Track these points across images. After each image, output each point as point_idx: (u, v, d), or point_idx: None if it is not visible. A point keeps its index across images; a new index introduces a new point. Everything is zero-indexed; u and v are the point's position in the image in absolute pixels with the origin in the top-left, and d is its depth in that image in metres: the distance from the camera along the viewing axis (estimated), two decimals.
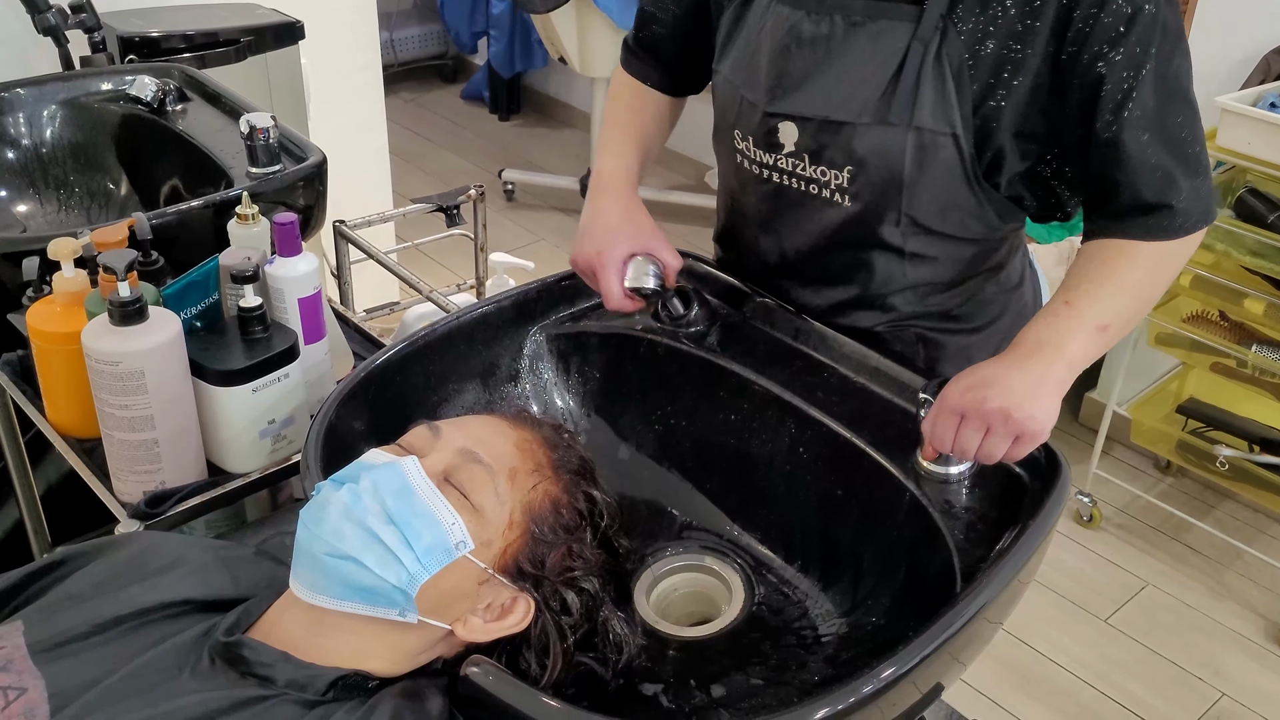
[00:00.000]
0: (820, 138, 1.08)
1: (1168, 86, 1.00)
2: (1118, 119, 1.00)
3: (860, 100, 1.04)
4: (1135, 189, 1.02)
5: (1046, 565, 2.42)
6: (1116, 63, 0.98)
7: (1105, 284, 1.02)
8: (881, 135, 1.04)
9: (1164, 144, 1.01)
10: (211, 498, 1.20)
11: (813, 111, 1.07)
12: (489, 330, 1.26)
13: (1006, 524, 1.00)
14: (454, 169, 4.09)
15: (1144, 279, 1.05)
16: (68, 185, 1.88)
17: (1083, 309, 1.01)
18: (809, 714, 0.84)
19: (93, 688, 0.82)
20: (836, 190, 1.10)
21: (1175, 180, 1.02)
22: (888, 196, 1.08)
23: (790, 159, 1.12)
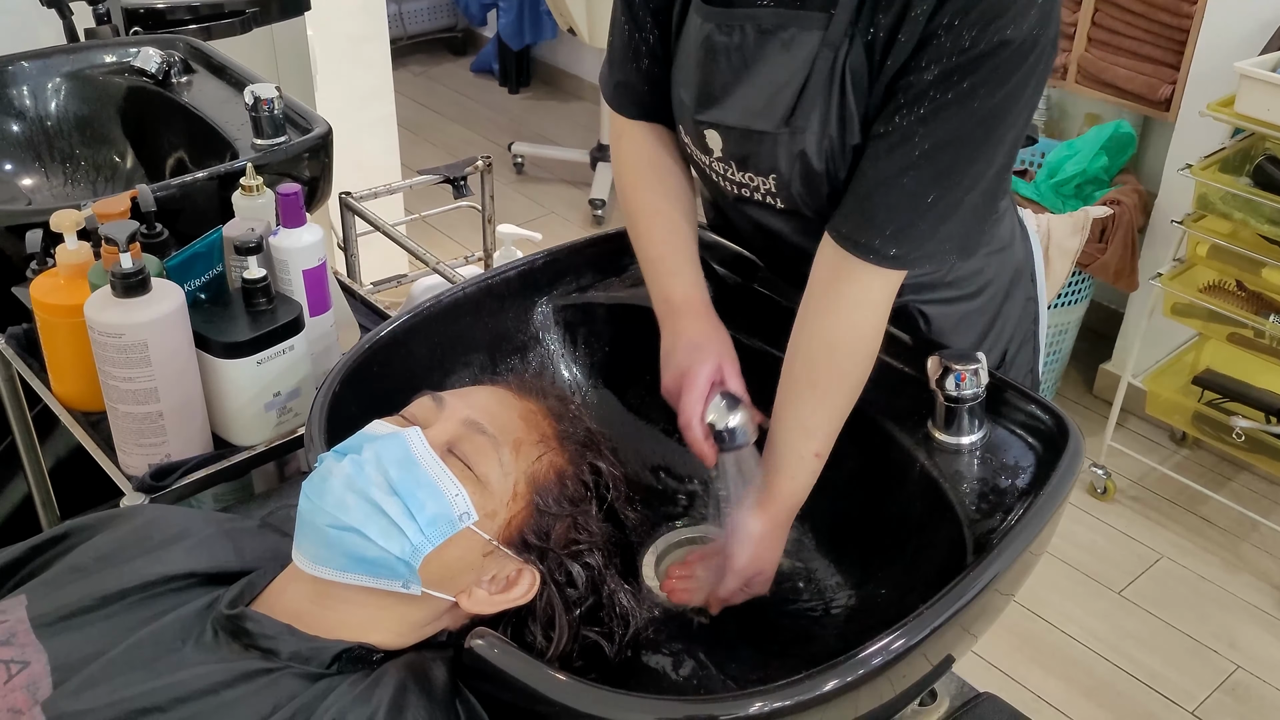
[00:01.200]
0: (744, 146, 1.06)
1: (961, 126, 0.94)
2: (900, 119, 0.96)
3: (776, 109, 1.02)
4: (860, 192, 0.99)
5: (1059, 537, 2.41)
6: (927, 81, 0.94)
7: (831, 416, 1.03)
8: (797, 143, 1.02)
9: (910, 171, 0.96)
10: (217, 470, 1.20)
11: (733, 121, 1.05)
12: (495, 301, 1.24)
13: (1018, 495, 0.99)
14: (463, 142, 4.07)
15: (852, 390, 1.03)
16: (73, 158, 1.87)
17: (823, 453, 1.03)
18: (818, 685, 0.83)
19: (95, 660, 0.81)
20: (767, 194, 1.09)
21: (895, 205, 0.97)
22: (817, 199, 1.06)
23: (719, 163, 1.10)
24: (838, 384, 1.02)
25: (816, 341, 1.02)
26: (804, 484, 1.03)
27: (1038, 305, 1.26)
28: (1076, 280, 2.60)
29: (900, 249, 0.98)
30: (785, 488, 1.03)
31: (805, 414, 1.02)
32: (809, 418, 1.02)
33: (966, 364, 1.01)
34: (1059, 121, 2.89)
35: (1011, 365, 1.24)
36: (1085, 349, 2.87)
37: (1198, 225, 2.29)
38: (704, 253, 1.27)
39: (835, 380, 1.02)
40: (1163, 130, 2.64)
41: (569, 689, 0.81)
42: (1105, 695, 2.08)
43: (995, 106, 0.93)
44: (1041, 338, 1.29)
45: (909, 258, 0.98)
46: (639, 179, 1.18)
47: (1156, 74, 2.51)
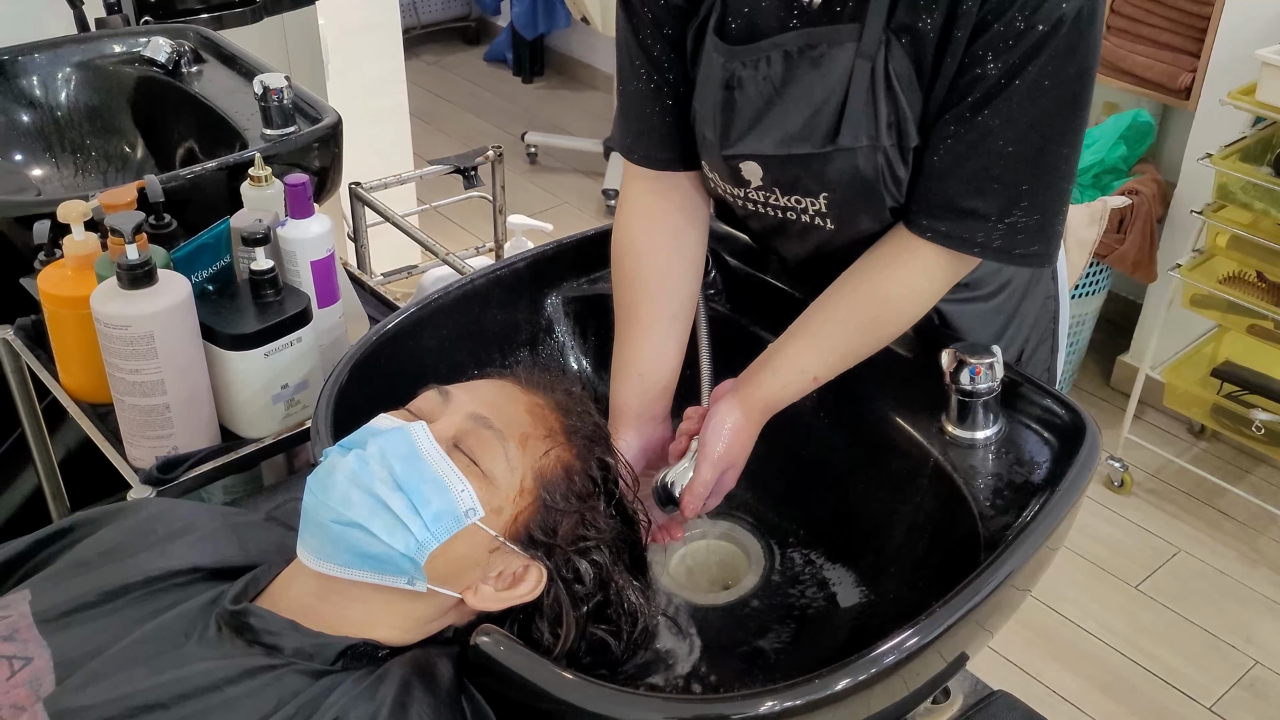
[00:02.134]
0: (788, 171, 1.03)
1: (1039, 112, 0.93)
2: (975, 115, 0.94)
3: (817, 129, 0.99)
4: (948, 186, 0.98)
5: (1076, 531, 2.38)
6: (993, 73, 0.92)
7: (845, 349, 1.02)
8: (849, 159, 0.99)
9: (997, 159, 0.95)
10: (224, 463, 1.19)
11: (773, 149, 1.02)
12: (504, 293, 1.23)
13: (1033, 490, 0.97)
14: (476, 131, 4.05)
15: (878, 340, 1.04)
16: (84, 149, 1.87)
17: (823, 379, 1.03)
18: (830, 684, 0.82)
19: (98, 656, 0.81)
20: (815, 215, 1.06)
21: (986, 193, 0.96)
22: (870, 213, 1.03)
23: (760, 191, 1.07)
24: (869, 331, 1.02)
25: (868, 287, 1.01)
26: (790, 395, 1.02)
27: (1058, 303, 1.24)
28: (1094, 271, 2.58)
29: (1004, 241, 0.97)
30: (772, 388, 1.02)
31: (824, 338, 1.01)
32: (826, 342, 1.01)
33: (981, 357, 0.99)
34: None
35: (1028, 364, 1.22)
36: (1102, 340, 2.84)
37: (1217, 215, 2.26)
38: (718, 245, 1.26)
39: (869, 326, 1.02)
40: (1182, 119, 2.61)
41: (575, 687, 0.80)
42: (1121, 691, 2.06)
43: (1069, 83, 0.92)
44: (1062, 335, 1.27)
45: (1013, 251, 0.98)
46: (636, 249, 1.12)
47: (1176, 62, 2.47)
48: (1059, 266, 1.22)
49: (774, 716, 0.80)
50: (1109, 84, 2.60)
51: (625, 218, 1.13)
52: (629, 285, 1.11)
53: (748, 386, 1.03)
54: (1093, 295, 2.63)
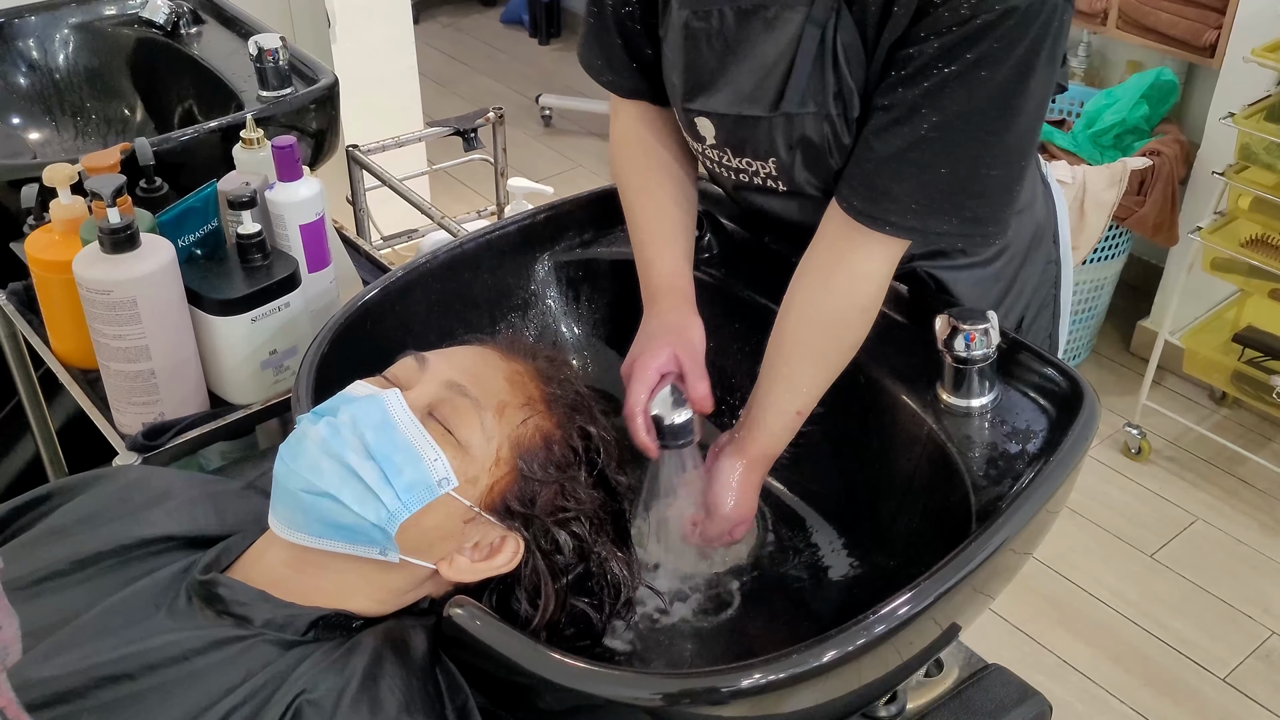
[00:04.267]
0: (737, 133, 1.02)
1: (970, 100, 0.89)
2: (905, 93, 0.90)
3: (766, 92, 0.97)
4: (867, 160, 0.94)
5: (1090, 498, 2.35)
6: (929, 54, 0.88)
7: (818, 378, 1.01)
8: (798, 125, 0.97)
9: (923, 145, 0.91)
10: (211, 430, 1.17)
11: (723, 108, 1.00)
12: (495, 257, 1.21)
13: (1028, 461, 0.94)
14: (490, 94, 4.02)
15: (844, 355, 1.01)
16: (84, 111, 1.85)
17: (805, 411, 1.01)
18: (818, 654, 0.80)
19: (66, 625, 0.80)
20: (767, 178, 1.04)
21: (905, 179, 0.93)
22: (824, 178, 1.01)
23: (714, 150, 1.06)
24: (833, 351, 1.00)
25: (815, 309, 0.99)
26: (782, 439, 1.02)
27: (1059, 268, 1.20)
28: (1113, 234, 2.52)
29: (919, 223, 0.94)
30: (763, 439, 1.01)
31: (794, 373, 1.00)
32: (797, 377, 1.00)
33: (976, 323, 0.96)
34: (1099, 69, 2.80)
35: (1028, 331, 1.19)
36: (1123, 305, 2.80)
37: (1240, 177, 2.20)
38: (711, 207, 1.24)
39: (830, 347, 1.00)
40: (1207, 77, 2.54)
41: (549, 661, 0.78)
42: (1134, 661, 2.03)
43: (1006, 78, 0.88)
44: (1064, 301, 1.23)
45: (929, 233, 0.95)
46: (629, 160, 1.13)
47: (1201, 18, 2.40)
48: (1060, 230, 1.19)
49: (760, 689, 0.78)
50: (1132, 41, 2.53)
51: (618, 135, 1.15)
52: (637, 177, 1.12)
53: (743, 442, 1.02)
54: (1112, 259, 2.58)
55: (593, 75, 1.14)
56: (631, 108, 1.13)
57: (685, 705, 0.79)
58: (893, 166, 0.93)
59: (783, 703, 0.81)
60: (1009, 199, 0.96)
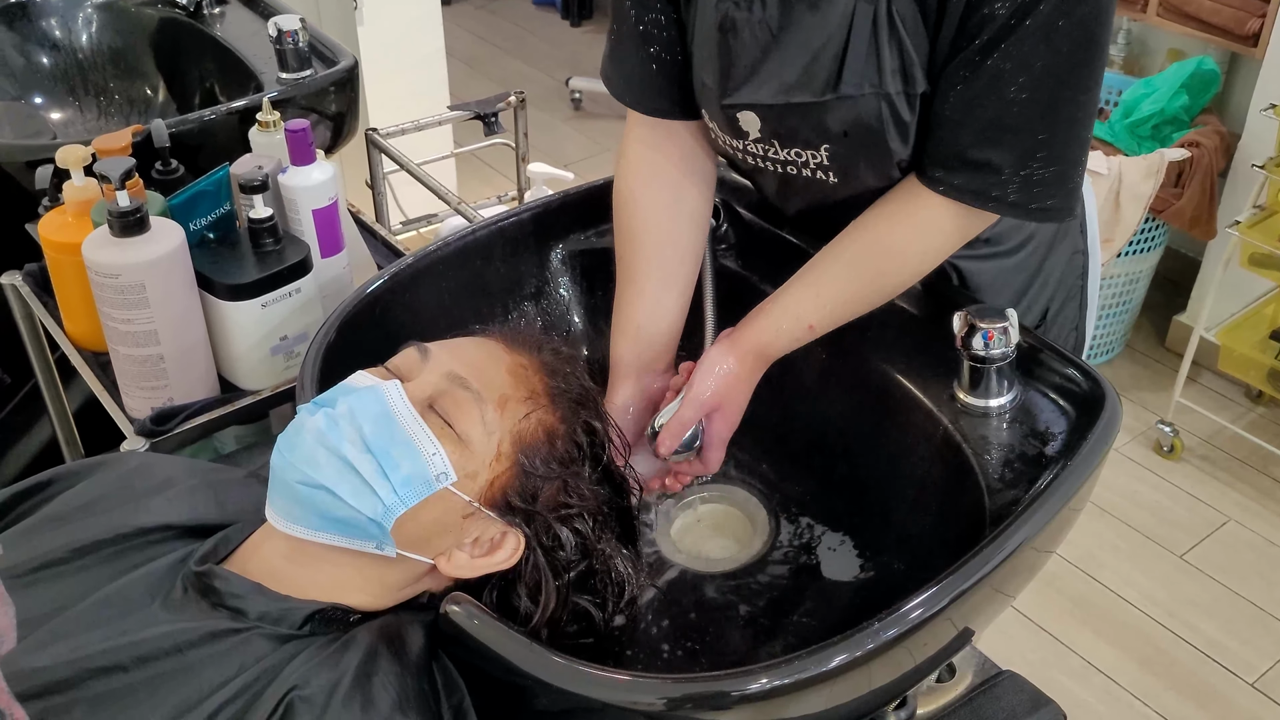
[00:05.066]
0: (786, 122, 0.98)
1: (1053, 54, 0.86)
2: (984, 60, 0.87)
3: (816, 77, 0.93)
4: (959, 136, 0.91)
5: (1120, 496, 2.31)
6: (1002, 13, 0.85)
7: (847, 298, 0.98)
8: (851, 108, 0.93)
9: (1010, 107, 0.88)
10: (220, 416, 1.17)
11: (770, 99, 0.96)
12: (508, 245, 1.19)
13: (1046, 464, 0.91)
14: (520, 76, 3.99)
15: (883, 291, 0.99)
16: (107, 91, 1.85)
17: (819, 330, 0.98)
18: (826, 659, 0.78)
19: (61, 614, 0.79)
20: (817, 168, 1.00)
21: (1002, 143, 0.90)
22: (874, 165, 0.97)
23: (759, 144, 1.01)
24: (872, 281, 0.97)
25: (874, 236, 0.96)
26: (785, 343, 0.98)
27: (1086, 258, 1.17)
28: (1149, 227, 2.47)
29: (1021, 197, 0.91)
30: (765, 334, 0.98)
31: (825, 285, 0.97)
32: (826, 289, 0.97)
33: (994, 321, 0.93)
34: (1139, 57, 2.73)
35: (1053, 324, 1.15)
36: (1159, 299, 2.74)
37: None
38: (729, 197, 1.21)
39: (872, 277, 0.97)
40: (1250, 67, 2.48)
41: (545, 662, 0.76)
42: (1161, 664, 1.99)
43: (1085, 22, 0.85)
44: (1091, 293, 1.20)
45: (1029, 206, 0.92)
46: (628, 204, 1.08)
47: (1244, 6, 2.34)
48: (1088, 220, 1.15)
49: (766, 694, 0.76)
50: (1172, 29, 2.47)
51: (624, 169, 1.09)
52: (627, 239, 1.07)
53: (742, 331, 0.99)
54: (1148, 252, 2.53)
55: (613, 93, 1.10)
56: (645, 131, 1.08)
57: (688, 710, 0.77)
58: (988, 136, 0.89)
59: (789, 708, 0.79)
60: (1085, 162, 0.93)
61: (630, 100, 1.08)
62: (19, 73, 1.77)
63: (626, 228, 1.07)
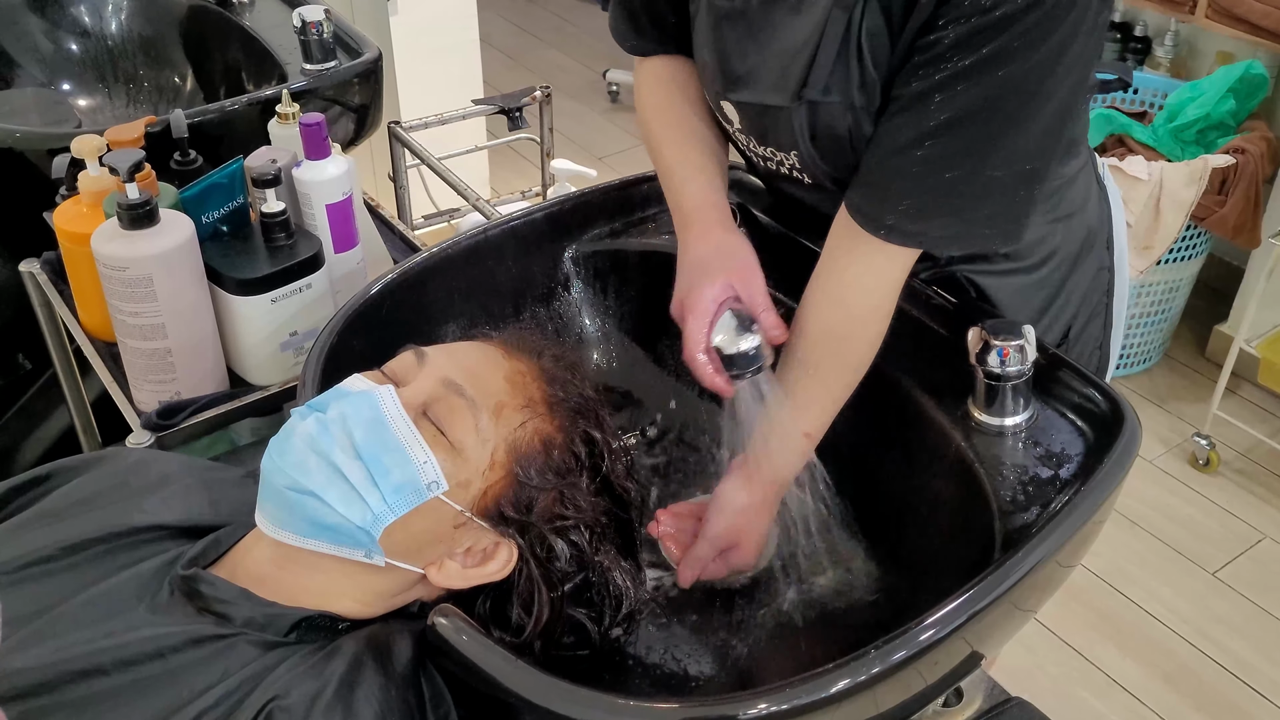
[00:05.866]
0: (760, 121, 0.97)
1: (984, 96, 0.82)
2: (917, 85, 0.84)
3: (789, 81, 0.91)
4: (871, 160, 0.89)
5: (1152, 509, 2.26)
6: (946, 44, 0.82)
7: (826, 396, 0.95)
8: (817, 115, 0.91)
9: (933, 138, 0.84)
10: (226, 411, 1.16)
11: (746, 96, 0.95)
12: (520, 244, 1.17)
13: (1060, 488, 0.88)
14: (557, 68, 3.98)
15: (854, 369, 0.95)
16: (137, 79, 1.85)
17: (815, 434, 0.96)
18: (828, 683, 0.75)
19: (46, 614, 0.78)
20: (792, 169, 0.99)
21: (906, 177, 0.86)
22: (843, 173, 0.95)
23: (742, 135, 1.01)
24: (836, 369, 0.94)
25: (818, 325, 0.94)
26: (790, 462, 0.96)
27: (1112, 274, 1.13)
28: (1191, 234, 2.41)
29: (915, 226, 0.87)
30: (772, 462, 0.96)
31: (799, 392, 0.94)
32: (802, 395, 0.94)
33: (1010, 338, 0.90)
34: (1187, 60, 2.67)
35: (1077, 341, 1.12)
36: (1200, 307, 2.68)
37: None
38: (745, 198, 1.19)
39: (833, 365, 0.94)
40: None
41: (528, 680, 0.74)
42: (1186, 682, 1.95)
43: (1027, 75, 0.81)
44: (1117, 310, 1.16)
45: (927, 237, 0.88)
46: (654, 106, 1.08)
47: None
48: (1115, 236, 1.12)
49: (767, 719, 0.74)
50: (1222, 31, 2.41)
51: (643, 96, 1.10)
52: (664, 138, 1.06)
53: (749, 465, 0.97)
54: (1189, 260, 2.47)
55: (619, 41, 1.12)
56: (657, 62, 1.09)
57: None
58: (895, 162, 0.86)
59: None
60: (1017, 203, 0.88)
61: (631, 45, 1.10)
62: (49, 59, 1.77)
63: (661, 129, 1.06)
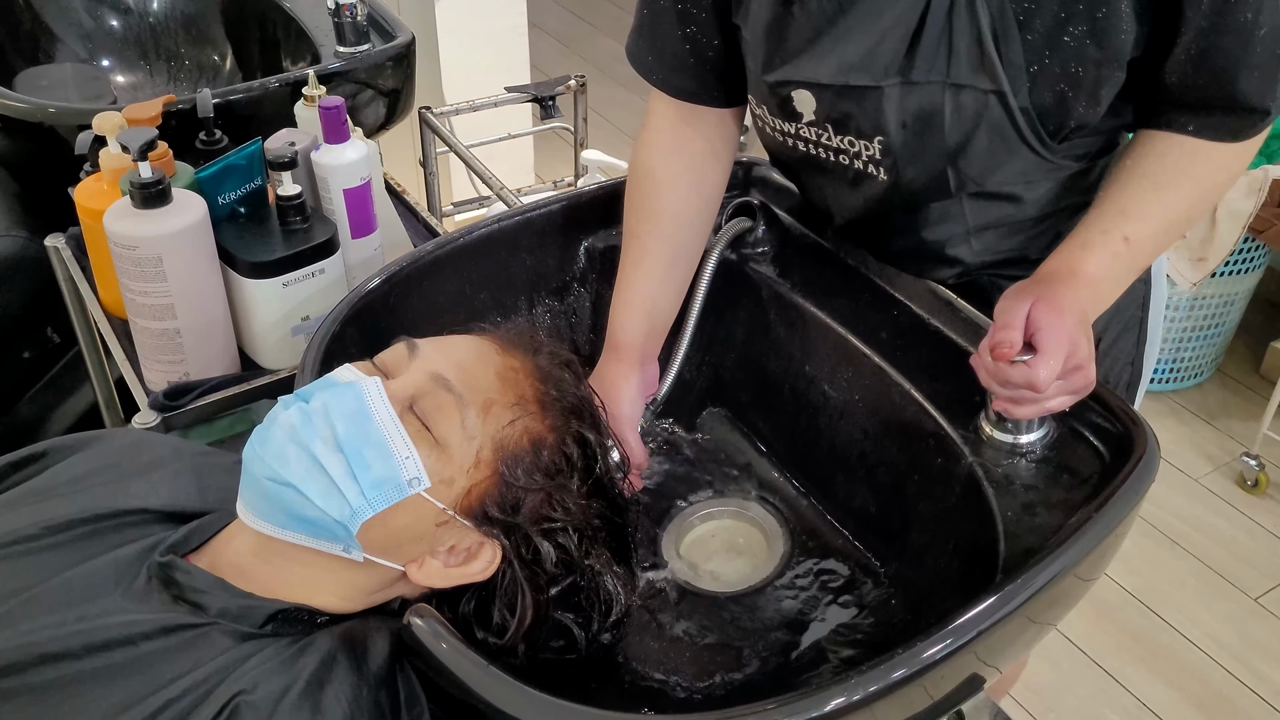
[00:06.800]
0: (841, 105, 0.91)
1: None
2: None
3: (883, 58, 0.86)
4: (1231, 85, 0.85)
5: (1194, 529, 2.19)
6: None
7: (1160, 213, 0.88)
8: (912, 97, 0.87)
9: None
10: (233, 394, 1.15)
11: (828, 77, 0.90)
12: (534, 237, 1.15)
13: (1069, 511, 0.85)
14: (611, 56, 3.95)
15: (1197, 203, 0.90)
16: (178, 57, 1.86)
17: (1138, 247, 0.87)
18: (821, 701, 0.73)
19: (23, 594, 0.77)
20: (869, 162, 0.94)
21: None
22: (930, 164, 0.91)
23: (812, 128, 0.95)
24: (1184, 187, 0.89)
25: (1174, 144, 0.89)
26: (1105, 267, 0.87)
27: (1148, 287, 1.09)
28: (1249, 246, 2.33)
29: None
30: (1085, 263, 0.87)
31: (1127, 198, 0.88)
32: (1132, 204, 0.88)
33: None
34: None
35: (1106, 356, 1.07)
36: (1258, 322, 2.60)
37: None
38: (770, 198, 1.16)
39: (1182, 183, 0.88)
40: None
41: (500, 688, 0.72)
42: (1220, 710, 1.88)
43: None
44: (1152, 324, 1.11)
45: None
46: (642, 183, 1.05)
47: None
48: None
49: None
50: None
51: (647, 142, 1.05)
52: (643, 214, 1.04)
53: (1041, 269, 0.89)
54: (1246, 273, 2.39)
55: (641, 73, 1.05)
56: (671, 109, 1.04)
57: None
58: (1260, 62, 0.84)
59: None
60: None
61: (658, 79, 1.03)
62: (91, 34, 1.79)
63: (643, 202, 1.04)
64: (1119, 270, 0.88)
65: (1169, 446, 2.38)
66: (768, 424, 1.12)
